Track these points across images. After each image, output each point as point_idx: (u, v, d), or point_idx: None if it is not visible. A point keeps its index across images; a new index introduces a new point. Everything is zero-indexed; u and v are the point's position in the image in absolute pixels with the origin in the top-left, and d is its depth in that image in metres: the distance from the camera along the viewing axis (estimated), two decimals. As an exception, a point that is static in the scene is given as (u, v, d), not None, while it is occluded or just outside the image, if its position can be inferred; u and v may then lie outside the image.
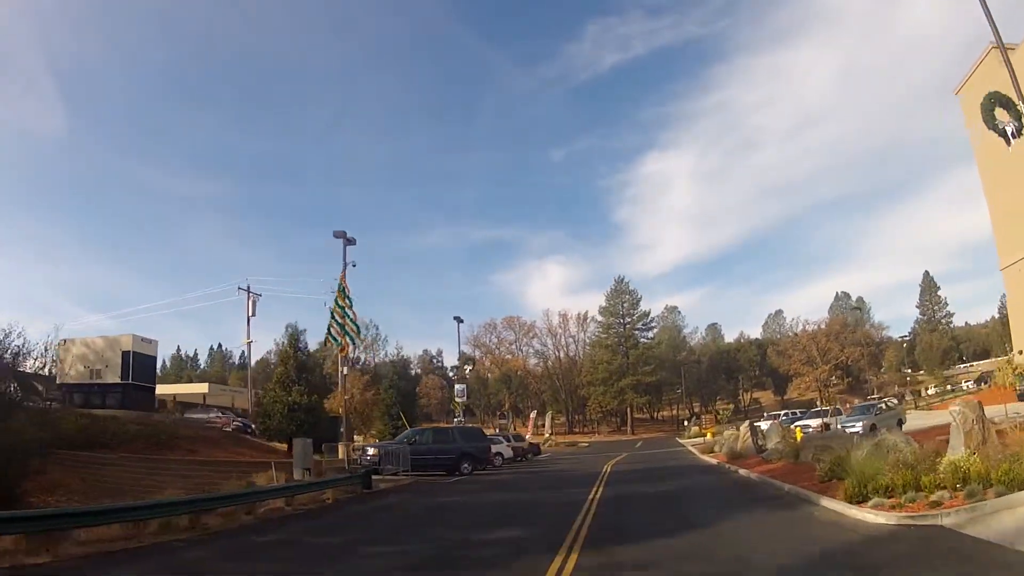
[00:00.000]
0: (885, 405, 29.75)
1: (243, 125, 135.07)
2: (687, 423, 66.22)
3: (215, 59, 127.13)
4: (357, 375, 49.43)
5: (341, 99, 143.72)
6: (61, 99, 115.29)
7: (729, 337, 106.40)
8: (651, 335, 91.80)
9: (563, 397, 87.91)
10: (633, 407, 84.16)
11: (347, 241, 25.87)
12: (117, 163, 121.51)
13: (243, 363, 54.25)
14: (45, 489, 16.43)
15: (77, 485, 18.10)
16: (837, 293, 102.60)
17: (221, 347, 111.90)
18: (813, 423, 27.60)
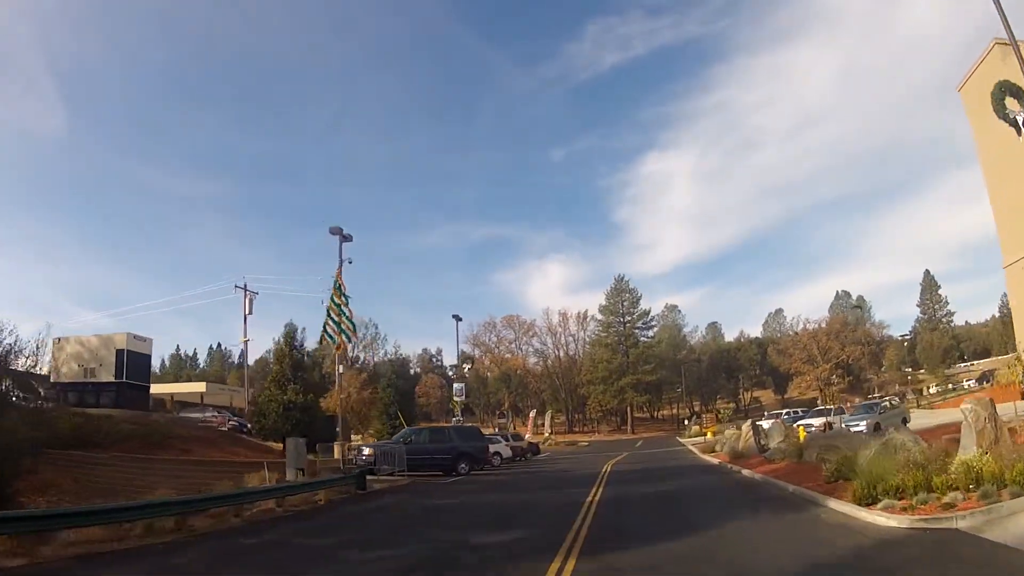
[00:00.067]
0: (889, 404, 29.40)
1: (243, 125, 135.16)
2: (687, 422, 65.85)
3: (215, 59, 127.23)
4: (354, 374, 49.31)
5: (341, 99, 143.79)
6: (61, 99, 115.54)
7: (729, 336, 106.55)
8: (651, 334, 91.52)
9: (563, 396, 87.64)
10: (633, 406, 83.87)
11: (343, 237, 25.58)
12: (117, 163, 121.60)
13: (242, 362, 54.16)
14: (37, 489, 16.24)
15: (69, 485, 17.92)
16: (837, 292, 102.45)
17: (220, 346, 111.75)
18: (816, 422, 27.26)
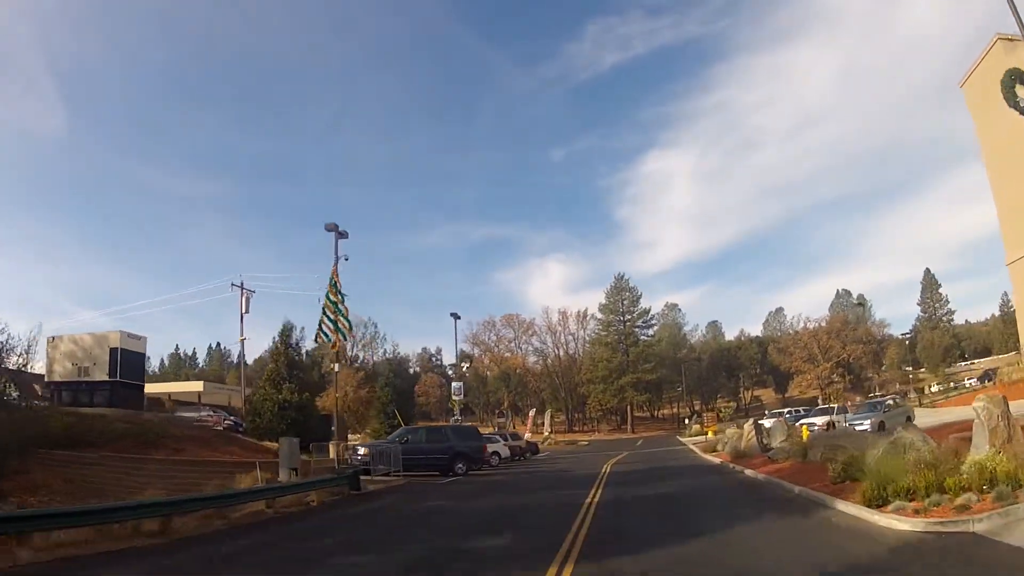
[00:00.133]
0: (893, 402, 29.02)
1: (243, 125, 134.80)
2: (688, 421, 65.37)
3: (215, 59, 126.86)
4: (351, 372, 48.91)
5: (341, 99, 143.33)
6: (61, 99, 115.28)
7: (730, 335, 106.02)
8: (651, 332, 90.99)
9: (563, 395, 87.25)
10: (633, 405, 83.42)
11: (339, 234, 25.14)
12: (117, 163, 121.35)
13: (241, 361, 53.79)
14: (27, 489, 15.92)
15: (60, 485, 17.60)
16: (838, 291, 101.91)
17: (220, 346, 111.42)
18: (819, 421, 26.91)
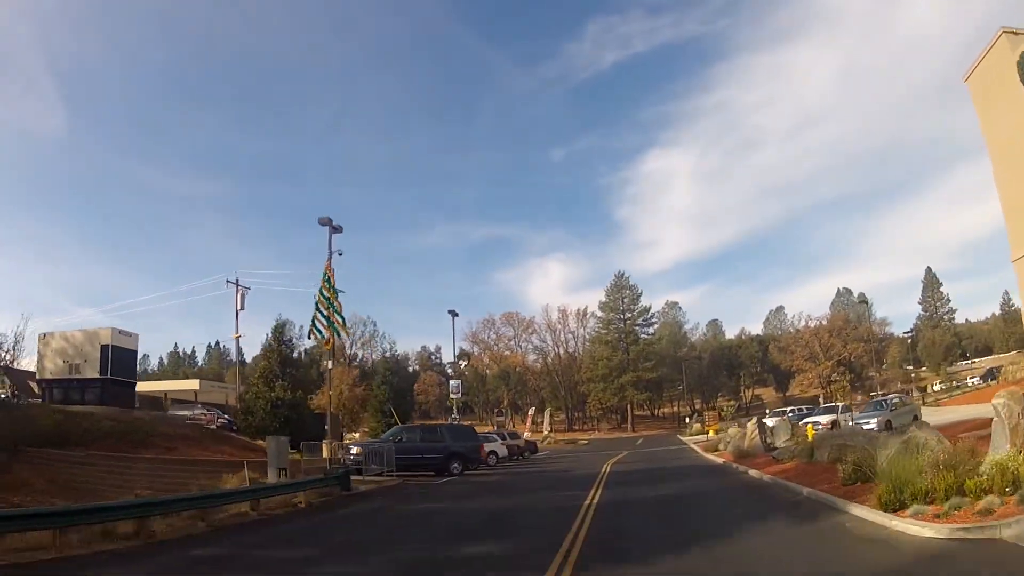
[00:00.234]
0: (900, 400, 28.49)
1: (243, 125, 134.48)
2: (688, 420, 64.87)
3: (215, 59, 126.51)
4: (346, 370, 48.38)
5: (341, 99, 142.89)
6: (61, 99, 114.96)
7: (730, 333, 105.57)
8: (651, 331, 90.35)
9: (562, 394, 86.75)
10: (633, 404, 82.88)
11: (333, 229, 24.70)
12: (117, 163, 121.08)
13: (238, 359, 53.35)
14: (10, 488, 15.46)
15: (42, 484, 17.10)
16: (839, 289, 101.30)
17: (219, 344, 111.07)
18: (824, 420, 26.39)
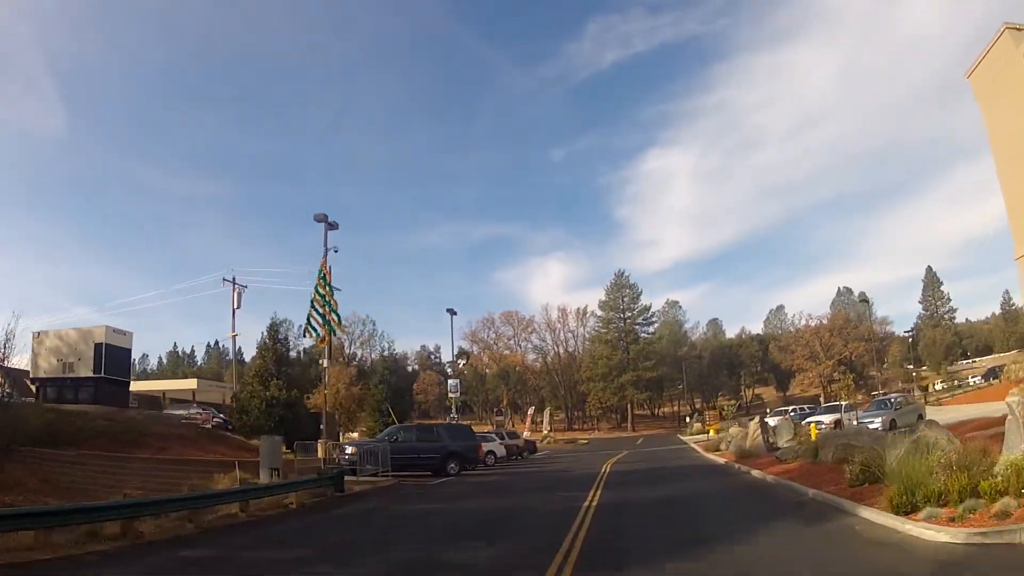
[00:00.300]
0: (903, 399, 28.17)
1: (243, 125, 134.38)
2: (689, 420, 64.55)
3: (215, 59, 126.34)
4: (344, 369, 48.05)
5: (341, 99, 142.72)
6: (61, 99, 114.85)
7: (730, 332, 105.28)
8: (651, 330, 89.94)
9: (562, 393, 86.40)
10: (633, 403, 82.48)
11: (328, 225, 24.24)
12: (117, 163, 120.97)
13: (236, 358, 53.07)
14: (2, 487, 15.21)
15: (34, 484, 16.86)
16: (839, 288, 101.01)
17: (218, 344, 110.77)
18: (827, 419, 26.05)
